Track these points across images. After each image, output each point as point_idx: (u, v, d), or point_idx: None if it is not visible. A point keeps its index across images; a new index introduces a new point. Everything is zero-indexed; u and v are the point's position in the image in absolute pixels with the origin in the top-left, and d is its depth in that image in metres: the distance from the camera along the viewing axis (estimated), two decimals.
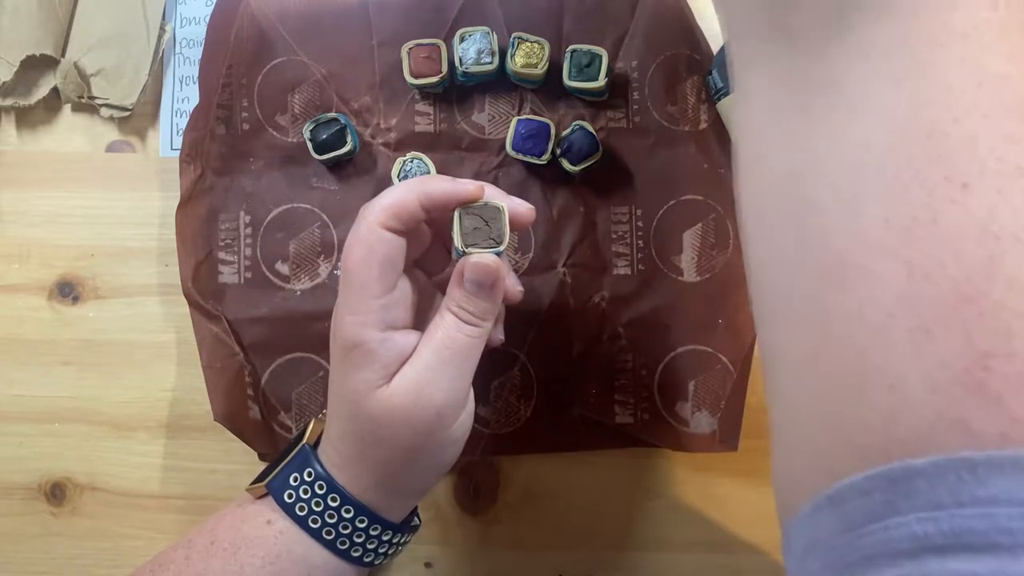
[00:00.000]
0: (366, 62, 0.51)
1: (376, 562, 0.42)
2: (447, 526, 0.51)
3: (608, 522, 0.51)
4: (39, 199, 0.53)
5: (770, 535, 0.50)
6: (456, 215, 0.38)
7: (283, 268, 0.51)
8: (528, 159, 0.50)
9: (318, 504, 0.40)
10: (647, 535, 0.51)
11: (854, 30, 0.24)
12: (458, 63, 0.50)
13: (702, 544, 0.50)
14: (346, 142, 0.50)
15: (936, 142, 0.22)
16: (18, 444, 0.52)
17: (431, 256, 0.43)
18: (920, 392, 0.21)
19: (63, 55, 0.52)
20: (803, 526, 0.24)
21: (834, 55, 0.25)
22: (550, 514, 0.51)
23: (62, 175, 0.53)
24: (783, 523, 0.26)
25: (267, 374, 0.51)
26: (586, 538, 0.51)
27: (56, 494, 0.52)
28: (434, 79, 0.50)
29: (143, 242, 0.52)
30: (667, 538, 0.51)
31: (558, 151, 0.49)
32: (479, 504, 0.51)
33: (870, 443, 0.22)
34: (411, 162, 0.50)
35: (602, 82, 0.49)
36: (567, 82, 0.50)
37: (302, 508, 0.40)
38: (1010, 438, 0.20)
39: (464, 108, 0.52)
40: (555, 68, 0.50)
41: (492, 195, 0.40)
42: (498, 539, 0.51)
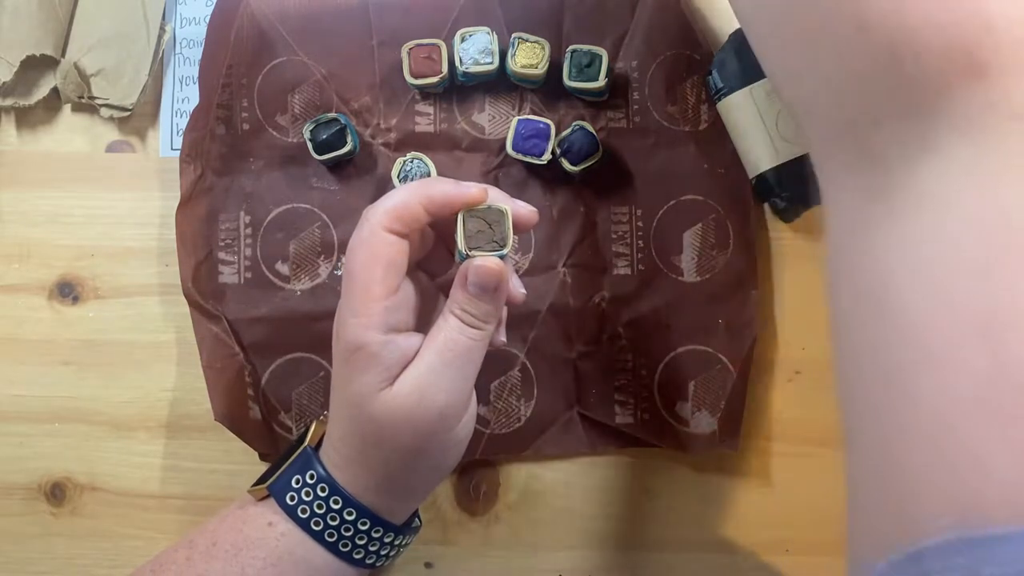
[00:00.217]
0: (366, 62, 0.51)
1: (378, 564, 0.42)
2: (447, 526, 0.51)
3: (608, 522, 0.51)
4: (39, 199, 0.53)
5: (770, 535, 0.50)
6: (460, 218, 0.38)
7: (283, 268, 0.51)
8: (528, 159, 0.50)
9: (320, 506, 0.40)
10: (647, 535, 0.51)
11: (940, 151, 0.26)
12: (458, 63, 0.50)
13: (702, 544, 0.51)
14: (346, 142, 0.50)
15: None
16: (18, 444, 0.52)
17: (434, 258, 0.43)
18: (1004, 468, 0.22)
19: (63, 55, 0.52)
20: None
21: (921, 174, 0.26)
22: (550, 514, 0.51)
23: (62, 175, 0.53)
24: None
25: (267, 374, 0.51)
26: (586, 538, 0.51)
27: (56, 494, 0.52)
28: (434, 79, 0.50)
29: (143, 242, 0.52)
30: (667, 538, 0.51)
31: (558, 151, 0.49)
32: (479, 504, 0.51)
33: (951, 510, 0.23)
34: (411, 162, 0.50)
35: (602, 82, 0.49)
36: (567, 82, 0.50)
37: (304, 510, 0.40)
38: None
39: (464, 108, 0.52)
40: (555, 68, 0.50)
41: (496, 198, 0.39)
42: (498, 539, 0.51)
